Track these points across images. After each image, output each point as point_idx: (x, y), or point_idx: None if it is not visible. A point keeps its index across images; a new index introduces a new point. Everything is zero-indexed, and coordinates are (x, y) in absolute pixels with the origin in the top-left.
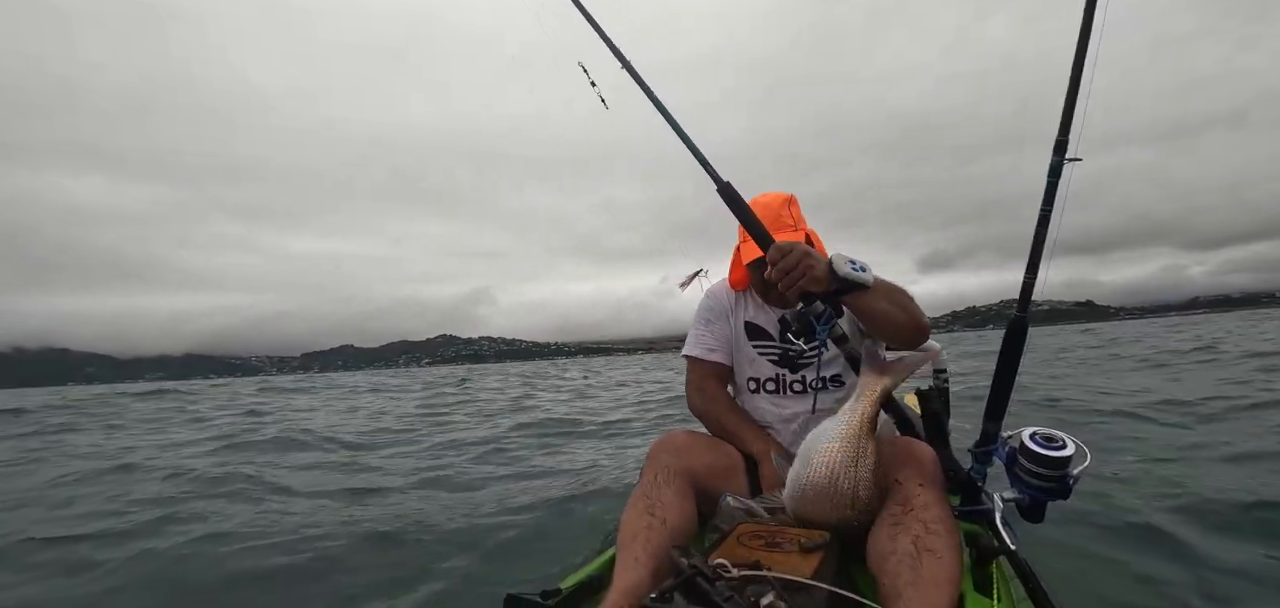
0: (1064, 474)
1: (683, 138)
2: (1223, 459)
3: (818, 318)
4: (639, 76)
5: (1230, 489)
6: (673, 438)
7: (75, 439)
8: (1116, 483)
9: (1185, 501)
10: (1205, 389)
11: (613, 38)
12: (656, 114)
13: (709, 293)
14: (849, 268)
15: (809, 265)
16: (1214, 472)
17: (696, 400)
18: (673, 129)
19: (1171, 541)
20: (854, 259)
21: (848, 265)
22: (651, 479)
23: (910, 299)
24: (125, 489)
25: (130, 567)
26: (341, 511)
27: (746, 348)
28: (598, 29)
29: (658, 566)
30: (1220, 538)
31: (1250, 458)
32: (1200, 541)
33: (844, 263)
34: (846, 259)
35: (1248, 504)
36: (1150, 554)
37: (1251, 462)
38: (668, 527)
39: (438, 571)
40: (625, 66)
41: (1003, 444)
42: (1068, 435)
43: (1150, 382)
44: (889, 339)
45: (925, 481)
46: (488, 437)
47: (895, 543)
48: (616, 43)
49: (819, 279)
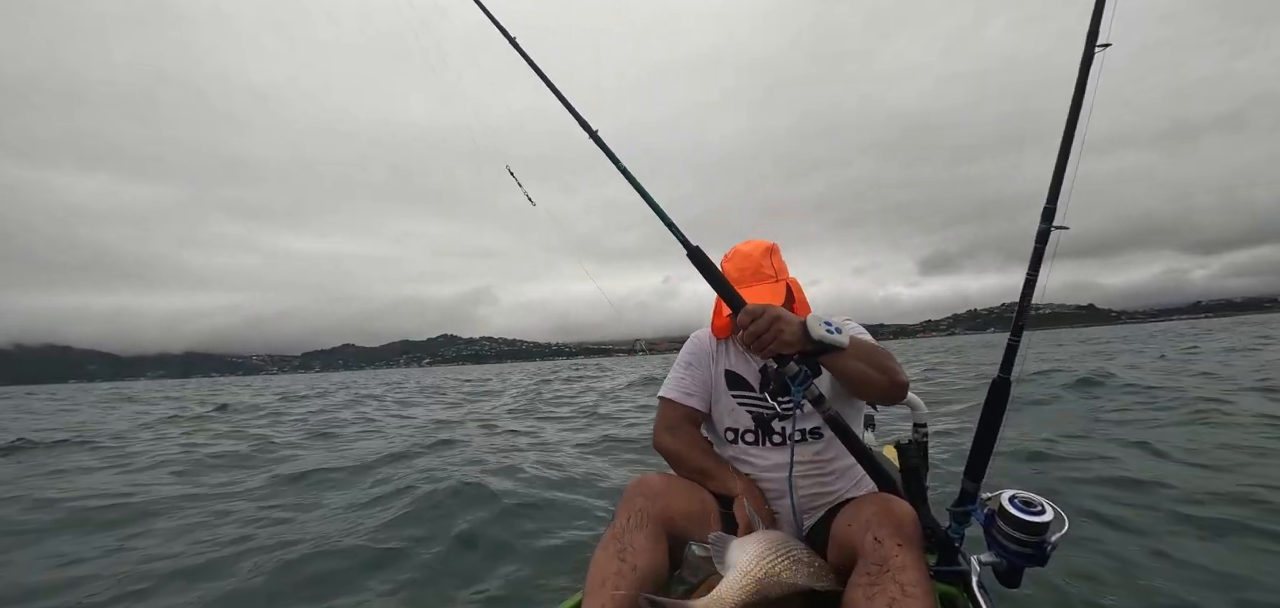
0: (1042, 540)
1: (652, 205)
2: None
3: (793, 379)
4: (607, 147)
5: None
6: (648, 481)
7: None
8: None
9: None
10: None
11: (579, 109)
12: (627, 183)
13: (694, 337)
14: (823, 330)
15: (779, 329)
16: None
17: (666, 440)
18: (641, 197)
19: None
20: (829, 321)
21: (822, 327)
22: (624, 522)
23: (888, 357)
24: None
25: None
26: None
27: (726, 398)
28: (564, 102)
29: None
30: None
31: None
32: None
33: (818, 325)
34: (821, 321)
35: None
36: None
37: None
38: (638, 573)
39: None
40: (593, 137)
41: (982, 505)
42: (1047, 501)
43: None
44: (865, 397)
45: (904, 541)
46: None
47: (871, 605)
48: (584, 115)
49: (790, 342)
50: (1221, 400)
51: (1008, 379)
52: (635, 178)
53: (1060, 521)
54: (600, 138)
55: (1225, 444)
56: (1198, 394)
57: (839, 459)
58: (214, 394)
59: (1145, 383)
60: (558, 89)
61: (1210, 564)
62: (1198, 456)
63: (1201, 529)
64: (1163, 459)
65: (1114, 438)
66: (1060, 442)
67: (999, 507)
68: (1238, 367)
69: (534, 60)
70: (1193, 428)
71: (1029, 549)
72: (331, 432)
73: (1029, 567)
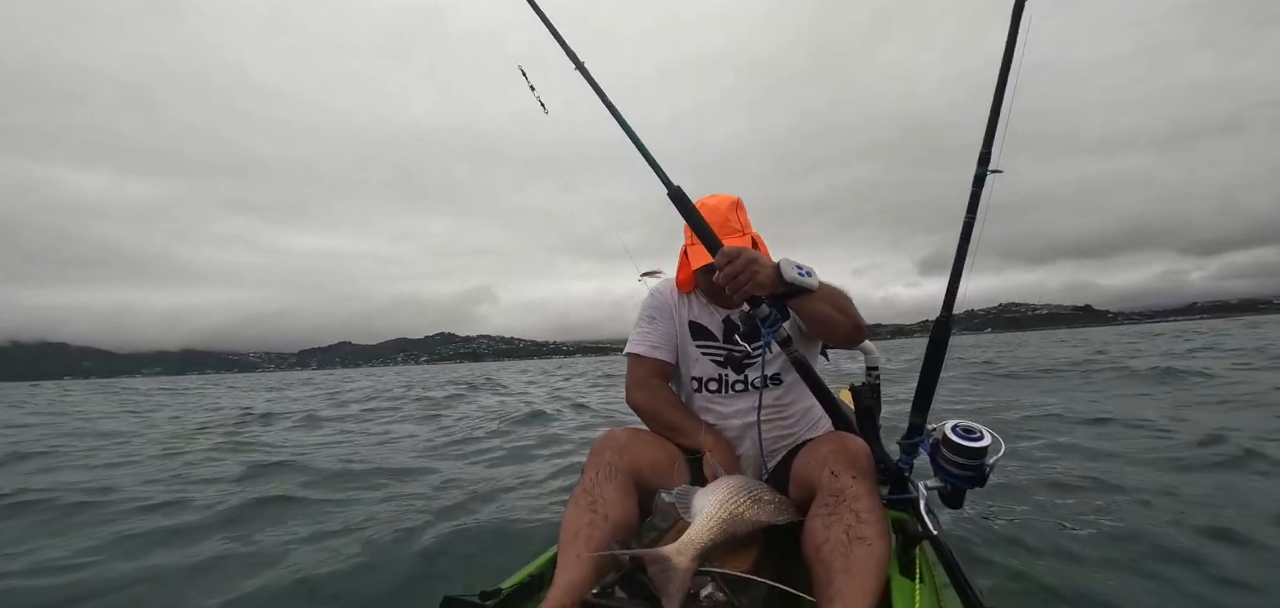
0: (981, 463)
1: (634, 140)
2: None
3: (763, 321)
4: (592, 78)
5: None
6: (614, 435)
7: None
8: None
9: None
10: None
11: (568, 39)
12: (611, 120)
13: (654, 292)
14: (795, 273)
15: (755, 270)
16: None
17: (638, 396)
18: (624, 132)
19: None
20: (800, 264)
21: (794, 270)
22: (593, 477)
23: (850, 302)
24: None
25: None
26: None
27: (690, 348)
28: (552, 30)
29: (599, 562)
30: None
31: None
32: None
33: (790, 268)
34: (793, 264)
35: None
36: (1054, 534)
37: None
38: (609, 523)
39: (373, 573)
40: (579, 68)
41: (927, 436)
42: (985, 427)
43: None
44: (828, 339)
45: (858, 473)
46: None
47: (829, 532)
48: (572, 44)
49: (764, 284)
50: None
51: (948, 321)
52: (620, 112)
53: (997, 444)
54: (587, 69)
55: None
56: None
57: (798, 402)
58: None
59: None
60: (544, 13)
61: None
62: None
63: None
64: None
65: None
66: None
67: (942, 436)
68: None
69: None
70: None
71: (969, 472)
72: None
73: (970, 488)
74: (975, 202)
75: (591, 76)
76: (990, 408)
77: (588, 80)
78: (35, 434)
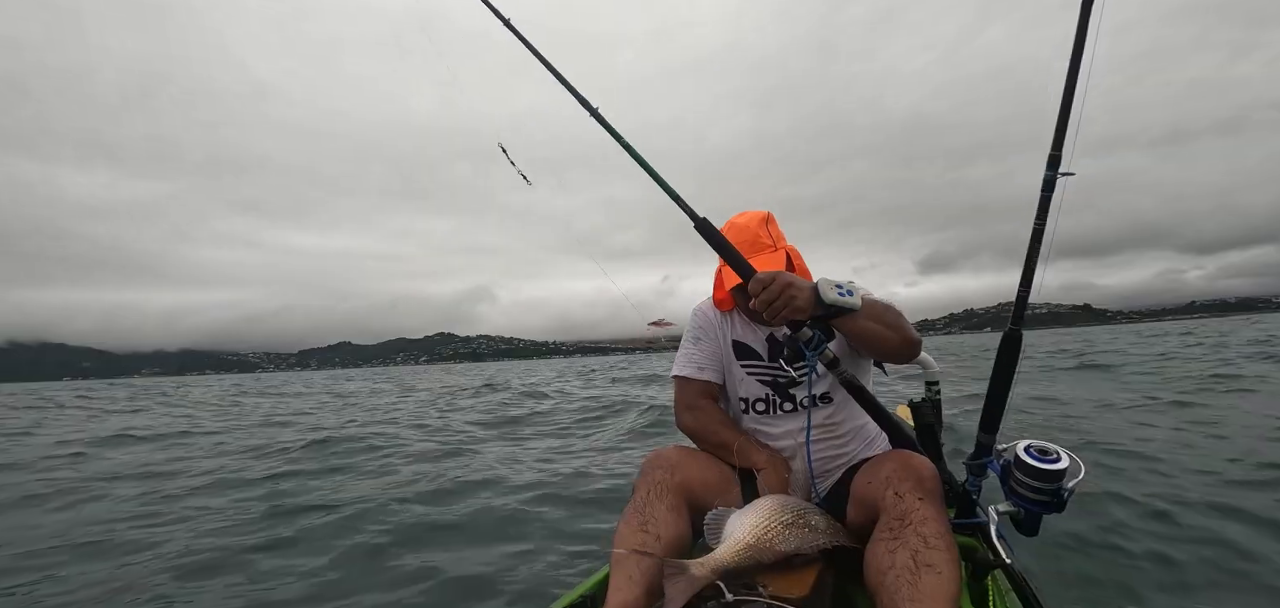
0: (1059, 487)
1: (658, 180)
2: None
3: (807, 344)
4: (610, 126)
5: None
6: (665, 454)
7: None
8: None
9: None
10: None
11: (580, 89)
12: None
13: (697, 311)
14: (835, 293)
15: (791, 295)
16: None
17: (687, 420)
18: (646, 172)
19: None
20: (840, 283)
21: (834, 291)
22: (645, 495)
23: (900, 316)
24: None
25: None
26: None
27: (736, 368)
28: (563, 81)
29: (651, 583)
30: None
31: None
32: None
33: (830, 288)
34: (832, 284)
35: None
36: (1147, 563)
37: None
38: (661, 542)
39: (423, 578)
40: (594, 115)
41: (997, 457)
42: (1062, 449)
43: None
44: (880, 357)
45: (924, 495)
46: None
47: (893, 558)
48: (585, 93)
49: (802, 307)
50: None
51: (1019, 332)
52: (640, 154)
53: (1076, 467)
54: (602, 115)
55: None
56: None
57: (849, 421)
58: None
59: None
60: (555, 68)
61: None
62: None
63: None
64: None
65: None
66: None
67: (1015, 457)
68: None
69: (530, 41)
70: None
71: (1046, 497)
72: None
73: (1047, 514)
74: (1045, 207)
75: (607, 122)
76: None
77: (605, 127)
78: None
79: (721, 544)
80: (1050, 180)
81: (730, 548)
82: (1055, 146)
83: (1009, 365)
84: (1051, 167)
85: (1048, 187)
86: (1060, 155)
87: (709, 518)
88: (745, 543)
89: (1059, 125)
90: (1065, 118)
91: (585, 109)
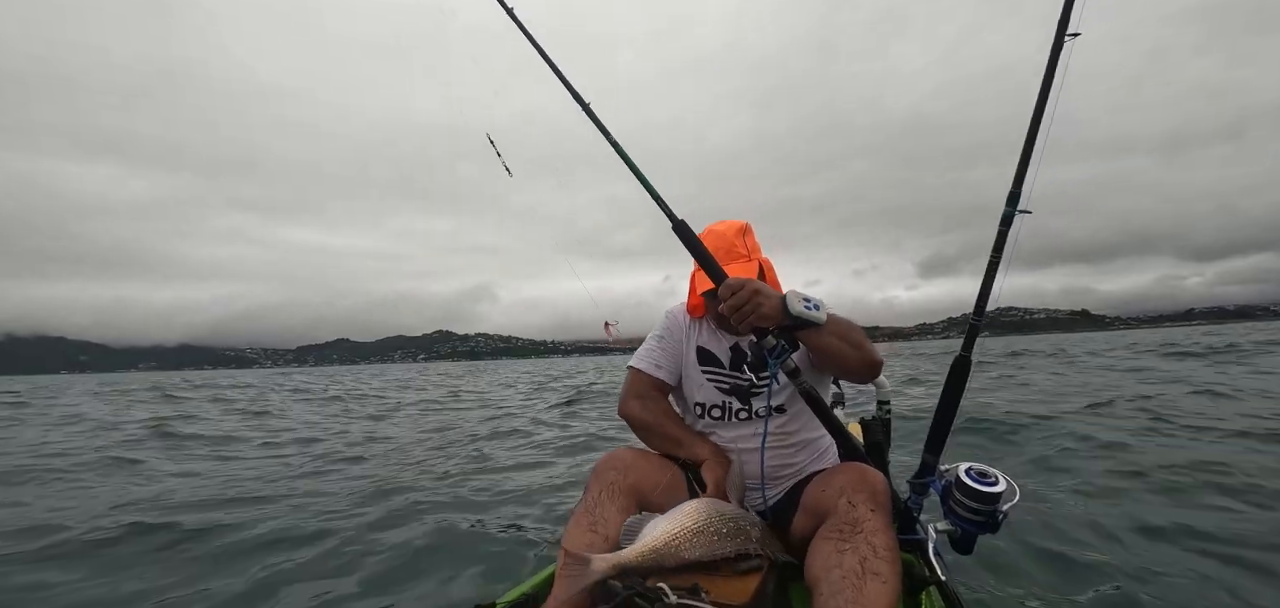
0: (995, 509)
1: (639, 177)
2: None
3: (770, 351)
4: (597, 118)
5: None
6: (618, 456)
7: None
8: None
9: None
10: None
11: (578, 87)
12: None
13: (669, 313)
14: (802, 306)
15: (759, 303)
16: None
17: (635, 408)
18: (629, 168)
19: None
20: (808, 297)
21: (801, 304)
22: (596, 496)
23: (863, 337)
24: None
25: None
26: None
27: (696, 373)
28: (557, 71)
29: (595, 585)
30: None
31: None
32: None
33: (797, 301)
34: (800, 297)
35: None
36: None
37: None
38: (609, 543)
39: (368, 586)
40: (585, 109)
41: (939, 477)
42: (1000, 472)
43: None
44: (841, 374)
45: (877, 507)
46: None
47: (842, 559)
48: (582, 91)
49: (769, 315)
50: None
51: (969, 358)
52: (625, 152)
53: (1012, 491)
54: (592, 111)
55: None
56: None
57: (803, 432)
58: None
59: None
60: (550, 57)
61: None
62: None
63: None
64: None
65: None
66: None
67: (955, 478)
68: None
69: (528, 30)
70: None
71: (981, 518)
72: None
73: (981, 534)
74: (1001, 241)
75: (597, 118)
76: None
77: (594, 122)
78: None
79: (632, 545)
80: (1008, 216)
81: (636, 549)
82: (1015, 184)
83: (957, 389)
84: (1010, 203)
85: (1006, 222)
86: (1020, 192)
87: (628, 523)
88: (651, 547)
89: (1021, 164)
90: (1027, 157)
91: (577, 102)
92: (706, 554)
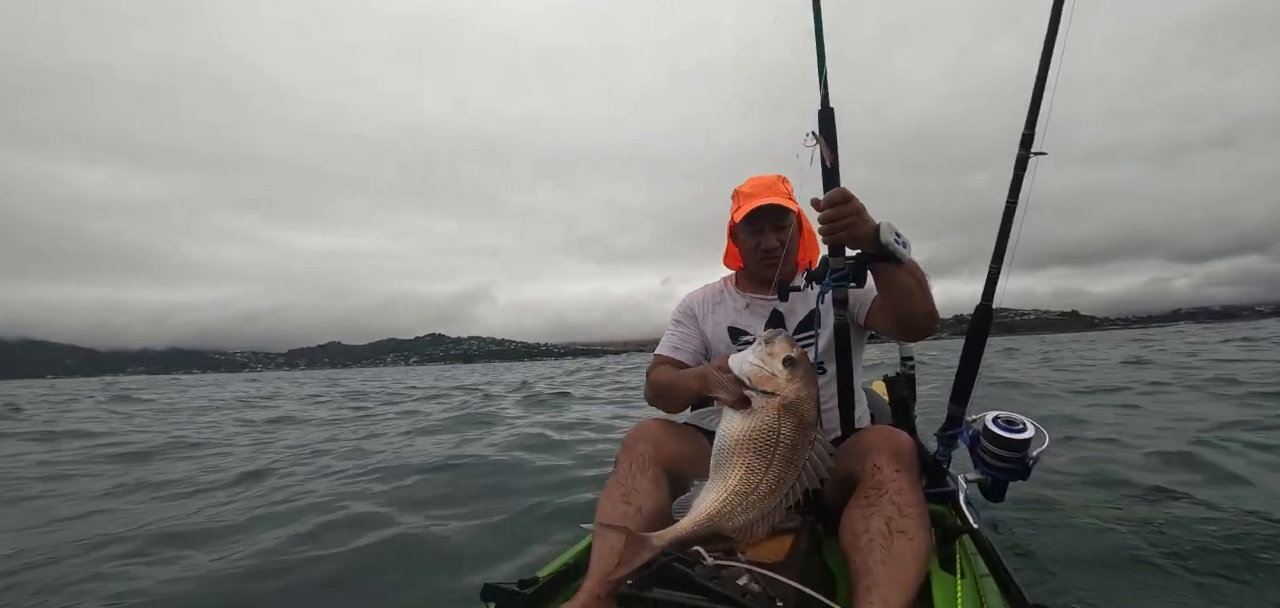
0: (1024, 456)
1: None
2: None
3: (834, 273)
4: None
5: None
6: (647, 427)
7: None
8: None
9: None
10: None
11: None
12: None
13: (686, 297)
14: (893, 237)
15: (857, 221)
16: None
17: (651, 380)
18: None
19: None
20: (899, 233)
21: (892, 235)
22: (627, 468)
23: (929, 288)
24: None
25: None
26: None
27: (726, 350)
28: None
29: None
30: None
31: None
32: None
33: (889, 231)
34: (893, 229)
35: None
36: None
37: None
38: (643, 514)
39: (411, 565)
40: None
41: (967, 428)
42: (1028, 419)
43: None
44: (901, 315)
45: (901, 466)
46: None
47: (868, 524)
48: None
49: (861, 237)
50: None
51: (989, 305)
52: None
53: (1041, 436)
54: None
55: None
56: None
57: (829, 398)
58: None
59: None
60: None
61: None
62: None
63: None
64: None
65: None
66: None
67: (983, 427)
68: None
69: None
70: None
71: (1011, 465)
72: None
73: (1013, 481)
74: (1017, 184)
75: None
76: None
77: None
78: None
79: (685, 517)
80: (1022, 158)
81: (690, 520)
82: (1028, 126)
83: (979, 339)
84: (1024, 145)
85: (1020, 165)
86: (1033, 134)
87: (676, 504)
88: (707, 514)
89: (1033, 105)
90: (1038, 98)
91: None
92: (757, 515)
